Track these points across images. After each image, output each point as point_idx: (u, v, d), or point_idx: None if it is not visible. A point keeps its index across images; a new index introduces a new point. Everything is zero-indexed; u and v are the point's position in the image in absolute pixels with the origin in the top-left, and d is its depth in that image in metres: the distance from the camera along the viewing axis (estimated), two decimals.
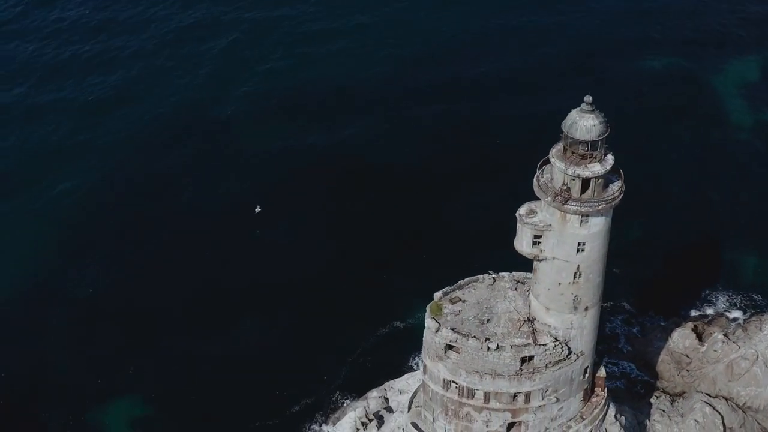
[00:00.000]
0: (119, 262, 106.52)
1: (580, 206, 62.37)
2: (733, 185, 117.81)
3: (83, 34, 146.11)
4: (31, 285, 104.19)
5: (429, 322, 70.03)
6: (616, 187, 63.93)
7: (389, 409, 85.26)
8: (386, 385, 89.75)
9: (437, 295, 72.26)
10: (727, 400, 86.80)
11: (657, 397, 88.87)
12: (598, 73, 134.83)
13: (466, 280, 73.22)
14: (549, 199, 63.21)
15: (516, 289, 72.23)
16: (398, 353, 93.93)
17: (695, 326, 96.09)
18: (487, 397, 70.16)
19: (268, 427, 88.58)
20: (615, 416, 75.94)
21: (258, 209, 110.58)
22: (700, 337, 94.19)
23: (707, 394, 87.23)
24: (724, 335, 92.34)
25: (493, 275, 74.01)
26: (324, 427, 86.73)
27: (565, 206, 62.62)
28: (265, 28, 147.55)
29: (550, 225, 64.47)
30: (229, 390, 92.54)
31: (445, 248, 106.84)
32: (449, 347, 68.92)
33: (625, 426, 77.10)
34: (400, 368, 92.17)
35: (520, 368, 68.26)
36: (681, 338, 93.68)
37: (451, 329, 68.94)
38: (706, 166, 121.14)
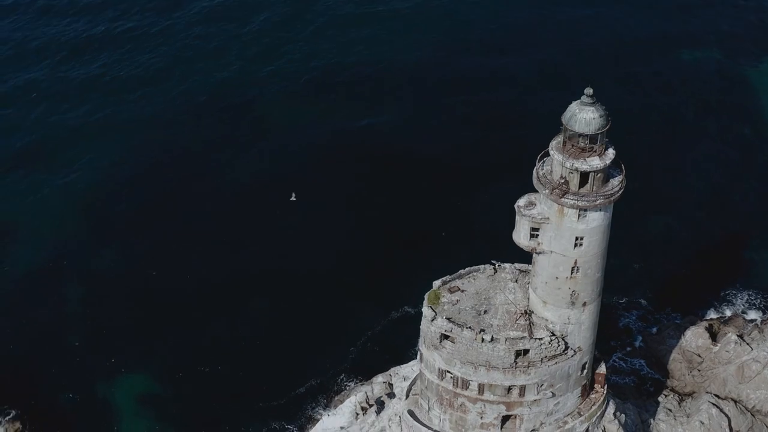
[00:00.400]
0: (140, 240, 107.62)
1: (578, 200, 61.51)
2: (761, 184, 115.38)
3: (113, 10, 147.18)
4: (51, 259, 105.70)
5: (426, 311, 69.74)
6: (616, 182, 62.92)
7: (391, 395, 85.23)
8: (392, 370, 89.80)
9: (436, 283, 71.92)
10: (735, 402, 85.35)
11: (665, 396, 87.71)
12: (634, 66, 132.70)
13: (466, 269, 72.72)
14: (546, 191, 62.45)
15: (516, 281, 71.57)
16: (406, 339, 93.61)
17: (710, 326, 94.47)
18: (481, 388, 69.70)
19: (272, 407, 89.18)
20: (614, 414, 74.99)
21: (293, 197, 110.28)
22: (714, 337, 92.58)
23: (716, 396, 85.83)
24: (739, 336, 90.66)
25: (497, 265, 73.36)
26: (325, 411, 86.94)
27: (563, 200, 61.81)
28: (298, 9, 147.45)
29: (548, 218, 63.70)
30: (237, 369, 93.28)
31: (466, 237, 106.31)
32: (445, 337, 68.57)
33: (625, 424, 76.18)
34: (407, 354, 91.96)
35: (515, 361, 67.68)
36: (694, 337, 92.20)
37: (446, 318, 68.56)
38: (733, 163, 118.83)
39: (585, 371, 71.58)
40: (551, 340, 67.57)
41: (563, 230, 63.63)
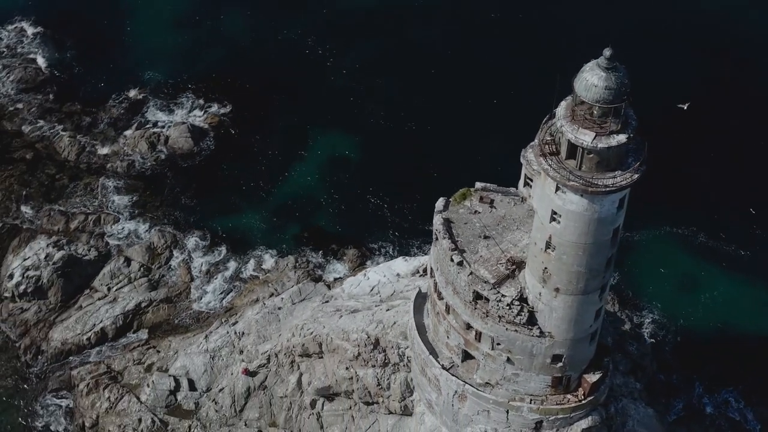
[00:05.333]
0: None
1: (548, 167, 49.80)
2: None
3: None
4: None
5: (439, 201, 63.35)
6: (617, 175, 49.17)
7: None
8: None
9: (478, 185, 64.08)
10: None
11: None
12: None
13: (515, 189, 63.25)
14: (535, 142, 51.26)
15: None
16: None
17: None
18: (448, 308, 63.09)
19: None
20: (582, 430, 63.21)
21: None
22: None
23: None
24: None
25: None
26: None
27: (539, 158, 50.51)
28: None
29: (540, 173, 52.61)
30: None
31: None
32: (437, 237, 62.33)
33: None
34: None
35: (474, 301, 59.66)
36: None
37: (445, 219, 61.84)
38: None
39: (560, 364, 60.55)
40: (511, 304, 57.94)
41: (543, 195, 52.48)
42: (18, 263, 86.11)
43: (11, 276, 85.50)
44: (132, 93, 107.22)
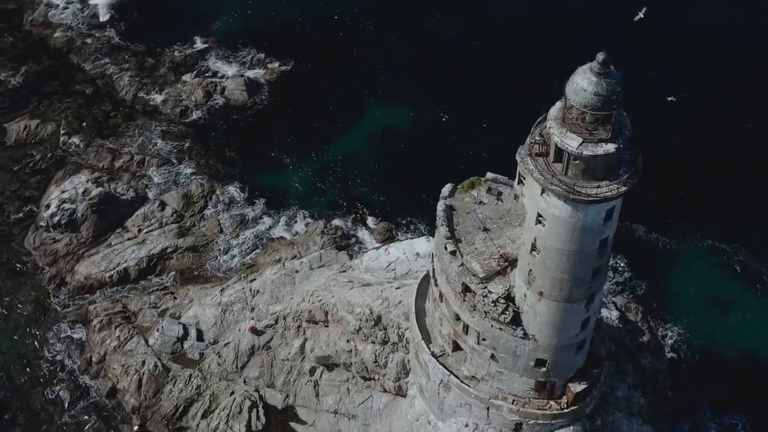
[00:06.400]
0: None
1: (533, 169, 48.12)
2: None
3: None
4: None
5: (446, 187, 62.16)
6: (603, 185, 47.17)
7: None
8: None
9: (489, 175, 62.61)
10: None
11: None
12: None
13: None
14: (527, 141, 49.62)
15: None
16: None
17: None
18: (441, 295, 62.06)
19: None
20: None
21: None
22: None
23: None
24: None
25: None
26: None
27: (527, 157, 48.89)
28: None
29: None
30: None
31: None
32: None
33: None
34: None
35: (463, 293, 58.54)
36: None
37: (447, 205, 60.72)
38: None
39: (543, 369, 58.99)
40: (497, 301, 56.61)
41: (531, 196, 50.86)
42: (56, 195, 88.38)
43: (48, 206, 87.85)
44: (197, 41, 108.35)
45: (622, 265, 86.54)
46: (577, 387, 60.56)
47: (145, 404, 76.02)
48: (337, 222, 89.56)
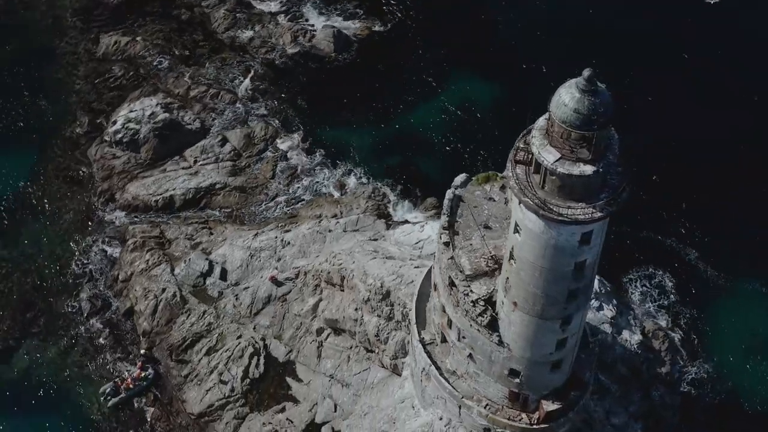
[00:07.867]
0: None
1: (509, 178, 46.26)
2: None
3: None
4: None
5: (459, 176, 60.62)
6: (578, 207, 44.83)
7: None
8: None
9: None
10: None
11: None
12: None
13: None
14: (515, 146, 47.63)
15: None
16: None
17: None
18: (434, 285, 60.95)
19: None
20: None
21: None
22: None
23: None
24: None
25: None
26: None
27: (508, 163, 47.02)
28: None
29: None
30: None
31: None
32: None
33: None
34: None
35: (449, 286, 57.29)
36: None
37: (455, 195, 59.32)
38: None
39: (517, 380, 57.28)
40: (476, 302, 55.15)
41: (513, 202, 48.91)
42: (125, 113, 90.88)
43: (115, 122, 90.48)
44: None
45: (669, 285, 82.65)
46: (550, 406, 58.47)
47: (156, 330, 78.03)
48: (386, 189, 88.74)
